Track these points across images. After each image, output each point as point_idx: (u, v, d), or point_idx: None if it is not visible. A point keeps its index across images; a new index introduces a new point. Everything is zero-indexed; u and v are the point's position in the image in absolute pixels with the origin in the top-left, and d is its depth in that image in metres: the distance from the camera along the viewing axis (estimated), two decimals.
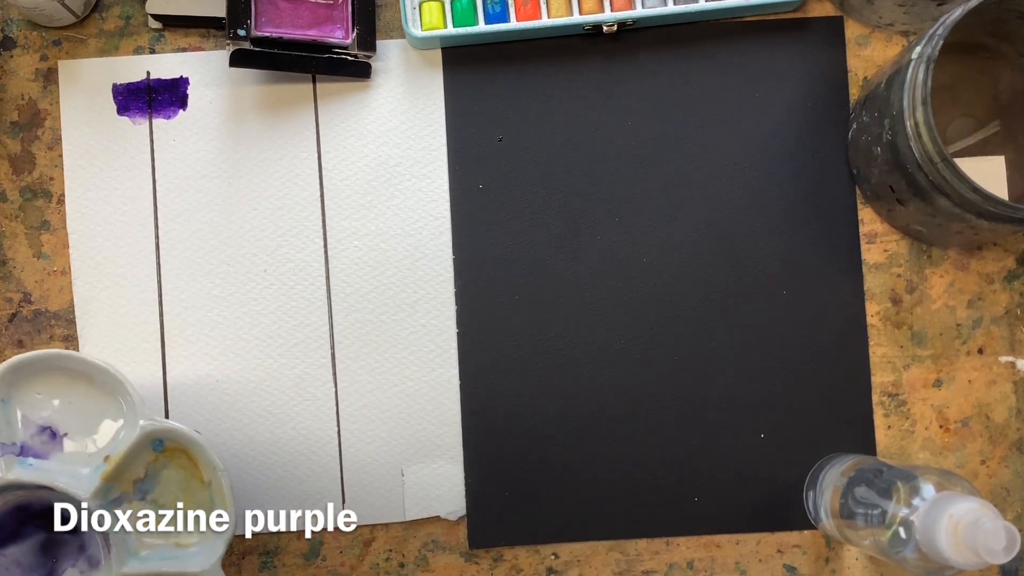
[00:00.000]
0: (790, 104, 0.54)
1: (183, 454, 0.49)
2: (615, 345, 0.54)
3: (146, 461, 0.48)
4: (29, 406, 0.48)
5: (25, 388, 0.48)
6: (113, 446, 0.48)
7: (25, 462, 0.48)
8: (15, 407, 0.48)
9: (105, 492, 0.47)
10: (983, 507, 0.41)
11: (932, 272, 0.54)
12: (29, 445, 0.48)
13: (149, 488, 0.49)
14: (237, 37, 0.51)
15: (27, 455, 0.48)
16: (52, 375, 0.49)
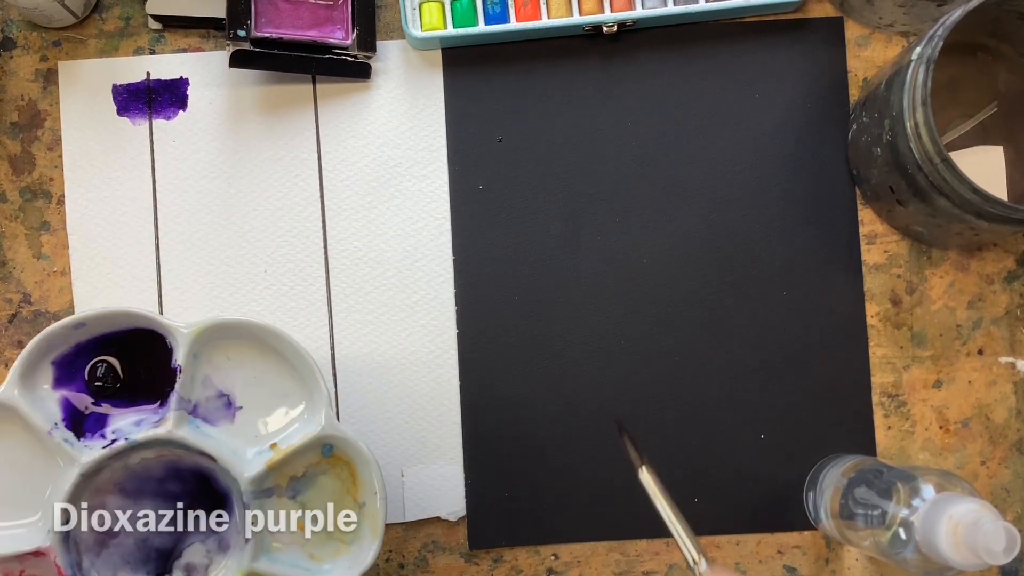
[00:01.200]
0: (790, 104, 0.54)
1: (347, 467, 0.46)
2: (615, 345, 0.54)
3: (309, 462, 0.46)
4: (216, 368, 0.46)
5: (219, 350, 0.46)
6: (284, 436, 0.45)
7: (195, 422, 0.45)
8: (203, 365, 0.46)
9: (261, 480, 0.44)
10: (983, 508, 0.41)
11: (932, 273, 0.54)
12: (203, 407, 0.46)
13: (302, 489, 0.46)
14: (237, 38, 0.51)
15: (198, 416, 0.45)
16: (249, 345, 0.46)
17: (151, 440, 0.44)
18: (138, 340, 0.45)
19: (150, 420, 0.45)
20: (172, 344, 0.45)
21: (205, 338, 0.45)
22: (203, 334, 0.44)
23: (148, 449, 0.45)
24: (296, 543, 0.45)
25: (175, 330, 0.44)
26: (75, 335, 0.44)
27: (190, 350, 0.44)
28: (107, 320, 0.44)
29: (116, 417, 0.45)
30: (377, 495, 0.44)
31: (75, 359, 0.45)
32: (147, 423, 0.45)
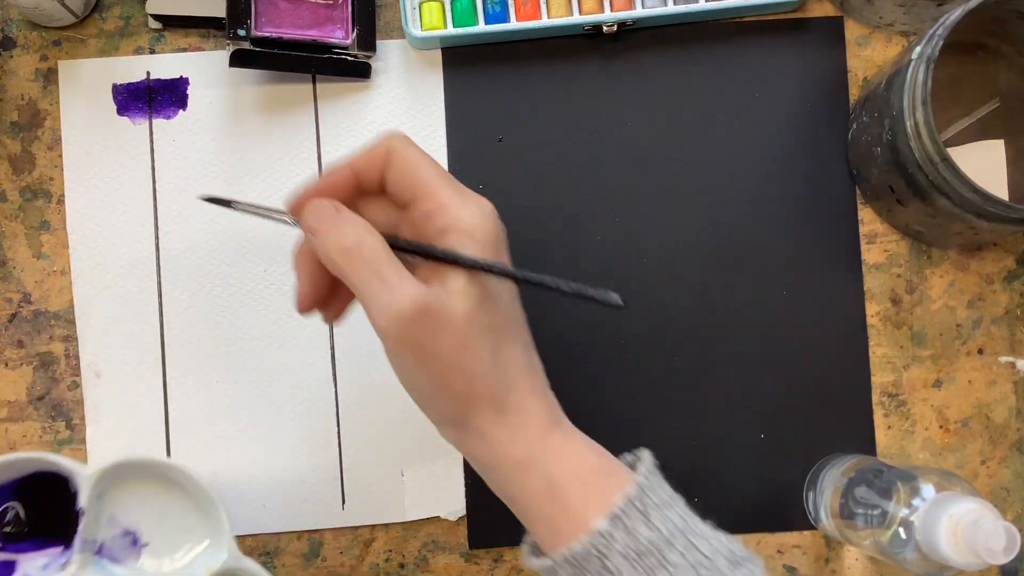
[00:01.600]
0: (790, 104, 0.54)
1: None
2: (615, 344, 0.54)
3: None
4: (121, 506, 0.47)
5: (123, 488, 0.47)
6: (190, 571, 0.47)
7: (100, 562, 0.46)
8: (108, 505, 0.47)
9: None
10: (983, 507, 0.41)
11: (932, 272, 0.54)
12: (108, 546, 0.47)
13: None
14: (237, 37, 0.51)
15: (104, 556, 0.47)
16: (154, 481, 0.48)
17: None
18: (43, 483, 0.46)
19: (56, 563, 0.46)
20: (75, 487, 0.45)
21: (108, 478, 0.46)
22: (106, 475, 0.46)
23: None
24: None
25: (77, 473, 0.45)
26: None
27: (93, 491, 0.45)
28: (11, 467, 0.46)
29: (24, 562, 0.46)
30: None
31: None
32: (53, 566, 0.46)
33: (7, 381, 0.53)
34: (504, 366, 0.39)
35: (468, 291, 0.37)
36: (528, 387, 0.40)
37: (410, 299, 0.36)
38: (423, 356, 0.37)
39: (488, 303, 0.38)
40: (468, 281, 0.38)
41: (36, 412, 0.53)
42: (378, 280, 0.37)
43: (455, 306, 0.37)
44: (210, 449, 0.53)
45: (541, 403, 0.40)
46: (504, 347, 0.39)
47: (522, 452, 0.39)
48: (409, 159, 0.39)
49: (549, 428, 0.39)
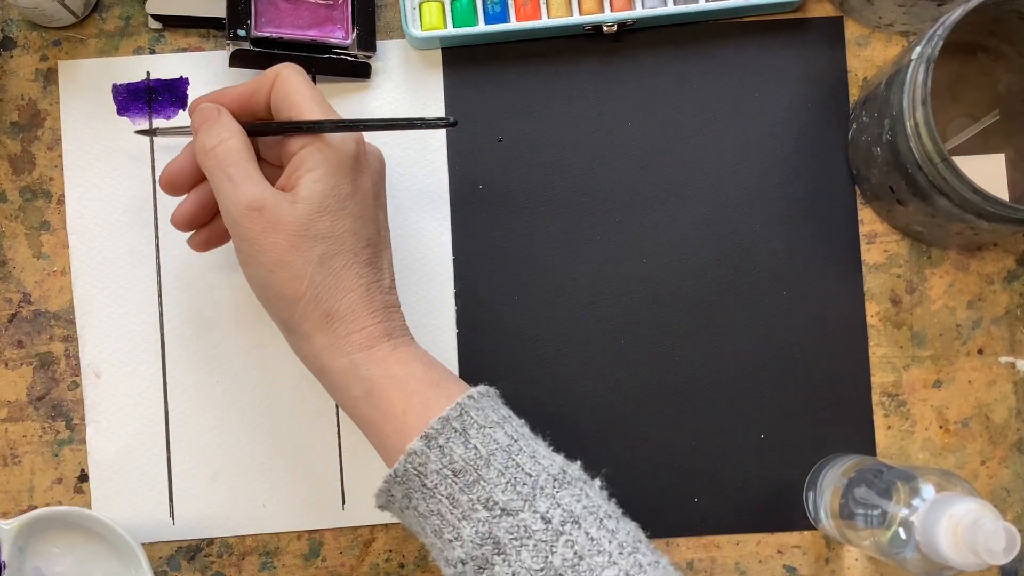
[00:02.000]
0: (790, 104, 0.54)
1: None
2: (615, 345, 0.54)
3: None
4: (45, 558, 0.49)
5: (44, 540, 0.49)
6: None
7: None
8: (29, 557, 0.48)
9: None
10: (983, 508, 0.41)
11: (932, 272, 0.54)
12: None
13: None
14: (237, 37, 0.51)
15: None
16: (74, 532, 0.49)
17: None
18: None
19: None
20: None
21: (28, 532, 0.48)
22: (24, 528, 0.47)
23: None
24: None
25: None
26: None
27: (14, 545, 0.47)
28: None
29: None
30: None
31: None
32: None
33: (7, 381, 0.53)
34: (336, 275, 0.41)
35: (309, 198, 0.41)
36: (359, 299, 0.42)
37: (248, 196, 0.41)
38: (255, 249, 0.41)
39: (328, 213, 0.41)
40: (311, 189, 0.41)
41: (36, 412, 0.53)
42: (227, 177, 0.41)
43: (290, 209, 0.40)
44: (210, 449, 0.53)
45: (371, 315, 0.42)
46: (339, 258, 0.41)
47: (343, 359, 0.41)
48: (290, 80, 0.43)
49: (377, 339, 0.42)
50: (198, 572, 0.53)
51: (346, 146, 0.42)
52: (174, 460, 0.53)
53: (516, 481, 0.38)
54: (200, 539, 0.53)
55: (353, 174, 0.42)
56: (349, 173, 0.42)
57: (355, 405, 0.42)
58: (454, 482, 0.39)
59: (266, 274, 0.41)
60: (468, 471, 0.39)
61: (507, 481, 0.38)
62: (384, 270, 0.44)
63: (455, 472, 0.39)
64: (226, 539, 0.53)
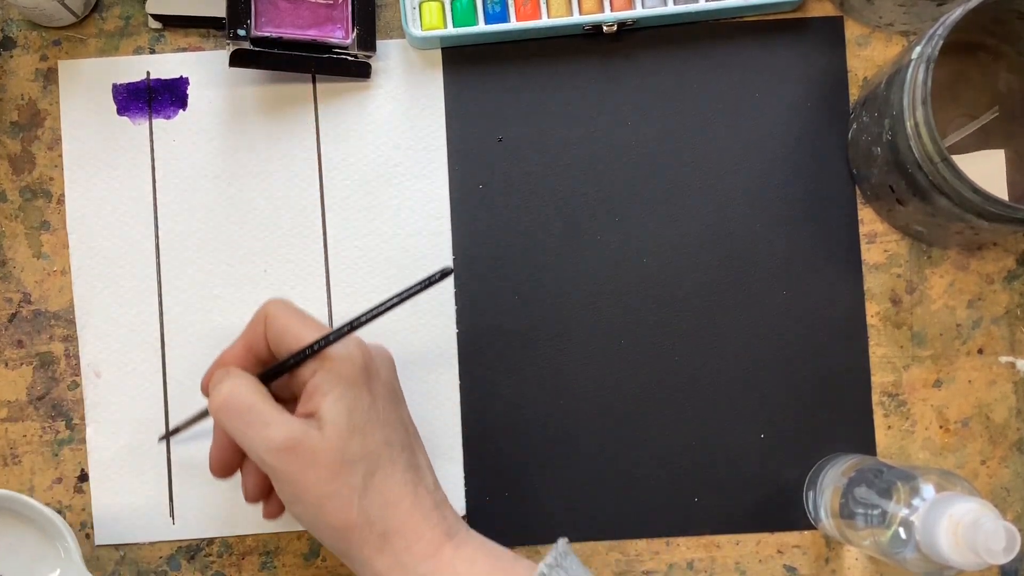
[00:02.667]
0: (790, 104, 0.54)
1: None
2: (615, 345, 0.54)
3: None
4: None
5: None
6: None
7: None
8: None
9: None
10: (983, 507, 0.41)
11: (932, 272, 0.54)
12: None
13: None
14: (237, 37, 0.51)
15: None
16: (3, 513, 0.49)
17: None
18: None
19: None
20: None
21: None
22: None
23: None
24: None
25: None
26: None
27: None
28: None
29: None
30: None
31: None
32: None
33: (7, 381, 0.53)
34: (382, 492, 0.40)
35: (335, 421, 0.39)
36: (411, 508, 0.40)
37: (278, 438, 0.39)
38: (298, 489, 0.39)
39: (357, 433, 0.40)
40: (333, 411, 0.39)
41: (36, 412, 0.53)
42: (246, 424, 0.40)
43: (320, 440, 0.39)
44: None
45: (426, 521, 0.41)
46: (379, 473, 0.40)
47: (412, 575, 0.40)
48: (279, 317, 0.42)
49: (439, 545, 0.40)
50: (198, 572, 0.53)
51: (352, 358, 0.41)
52: (174, 460, 0.53)
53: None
54: (200, 539, 0.53)
55: (367, 383, 0.41)
56: (364, 383, 0.41)
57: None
58: None
59: (314, 510, 0.40)
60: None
61: None
62: (424, 468, 0.43)
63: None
64: (226, 539, 0.53)
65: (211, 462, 0.44)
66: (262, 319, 0.43)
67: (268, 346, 0.43)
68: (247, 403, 0.40)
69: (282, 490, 0.40)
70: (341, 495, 0.39)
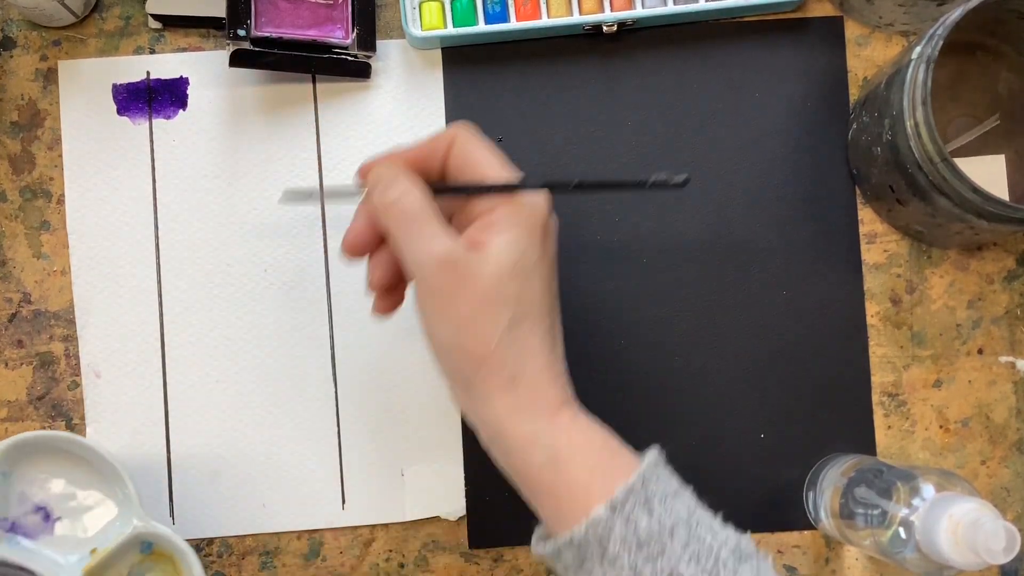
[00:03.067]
0: (790, 104, 0.54)
1: (169, 561, 0.49)
2: (614, 345, 0.54)
3: (131, 562, 0.49)
4: (29, 483, 0.49)
5: (28, 465, 0.49)
6: (103, 538, 0.48)
7: (14, 539, 0.48)
8: (15, 483, 0.48)
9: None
10: (983, 507, 0.41)
11: (932, 272, 0.54)
12: (20, 523, 0.48)
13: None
14: (237, 37, 0.51)
15: (17, 532, 0.48)
16: (57, 456, 0.49)
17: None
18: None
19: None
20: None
21: (12, 457, 0.48)
22: (7, 454, 0.47)
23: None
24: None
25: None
26: None
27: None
28: None
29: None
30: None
31: None
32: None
33: (7, 381, 0.53)
34: (521, 340, 0.40)
35: (501, 258, 0.39)
36: (543, 366, 0.41)
37: (441, 250, 0.39)
38: (444, 305, 0.40)
39: (519, 277, 0.40)
40: (504, 251, 0.40)
41: (36, 412, 0.53)
42: (413, 230, 0.40)
43: (483, 267, 0.39)
44: (210, 449, 0.53)
45: (553, 383, 0.41)
46: (525, 323, 0.40)
47: (527, 425, 0.40)
48: (469, 143, 0.42)
49: (558, 407, 0.41)
50: None
51: (540, 210, 0.41)
52: (174, 460, 0.53)
53: (699, 555, 0.38)
54: (200, 539, 0.53)
55: (543, 239, 0.42)
56: (540, 238, 0.41)
57: (535, 472, 0.40)
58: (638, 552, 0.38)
59: (454, 330, 0.40)
60: (652, 542, 0.38)
61: (690, 555, 0.38)
62: (559, 339, 0.43)
63: (639, 543, 0.38)
64: (226, 539, 0.53)
65: (345, 240, 0.44)
66: (449, 138, 0.43)
67: (443, 166, 0.43)
68: (418, 208, 0.40)
69: (426, 302, 0.41)
70: (486, 323, 0.39)
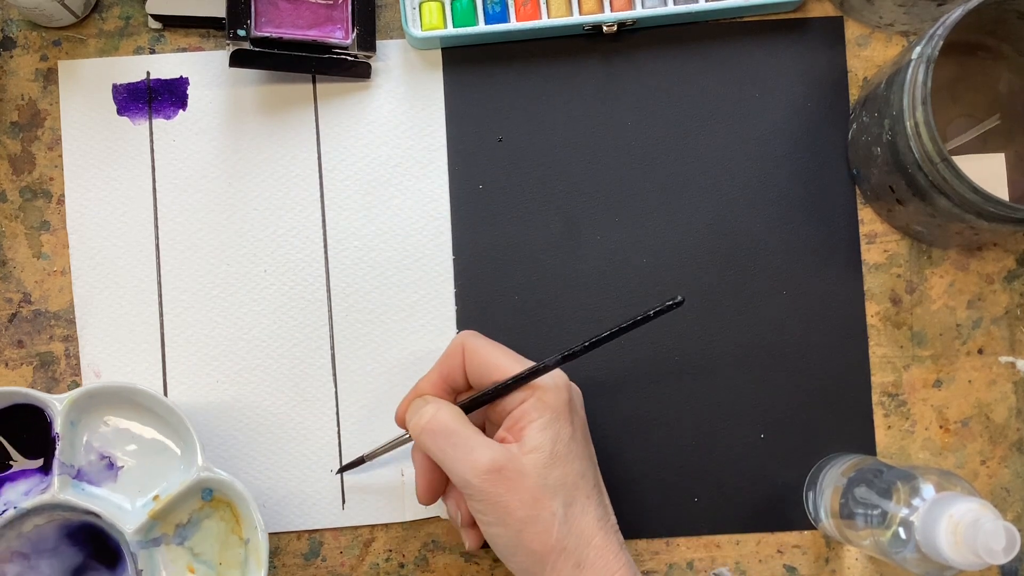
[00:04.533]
0: (790, 104, 0.54)
1: (228, 508, 0.49)
2: (614, 344, 0.54)
3: (192, 508, 0.50)
4: (95, 432, 0.50)
5: (95, 414, 0.50)
6: (165, 485, 0.49)
7: (79, 486, 0.49)
8: (82, 431, 0.49)
9: (148, 530, 0.48)
10: (983, 507, 0.41)
11: (932, 272, 0.54)
12: (86, 470, 0.49)
13: (189, 534, 0.50)
14: (237, 37, 0.51)
15: (82, 479, 0.49)
16: (123, 406, 0.50)
17: (39, 506, 0.47)
18: (20, 414, 0.49)
19: (37, 488, 0.49)
20: (49, 416, 0.48)
21: (80, 406, 0.49)
22: (76, 403, 0.48)
23: (39, 515, 0.48)
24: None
25: (49, 403, 0.48)
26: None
27: (66, 419, 0.48)
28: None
29: (7, 489, 0.49)
30: (258, 529, 0.48)
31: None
32: (35, 491, 0.49)
33: (7, 381, 0.53)
34: (577, 524, 0.41)
35: (539, 451, 0.41)
36: (603, 543, 0.42)
37: (485, 459, 0.41)
38: (500, 512, 0.41)
39: (560, 462, 0.41)
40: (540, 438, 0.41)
41: None
42: (451, 446, 0.42)
43: (525, 465, 0.40)
44: (211, 449, 0.53)
45: (617, 559, 0.42)
46: (576, 504, 0.41)
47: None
48: (479, 350, 0.44)
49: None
50: None
51: (559, 389, 0.43)
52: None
53: None
54: None
55: (570, 416, 0.43)
56: (567, 415, 0.43)
57: None
58: None
59: (514, 534, 0.41)
60: None
61: None
62: (608, 506, 0.44)
63: None
64: None
65: (418, 491, 0.47)
66: (459, 351, 0.45)
67: (465, 376, 0.45)
68: (451, 428, 0.42)
69: (483, 512, 0.41)
70: (542, 519, 0.40)
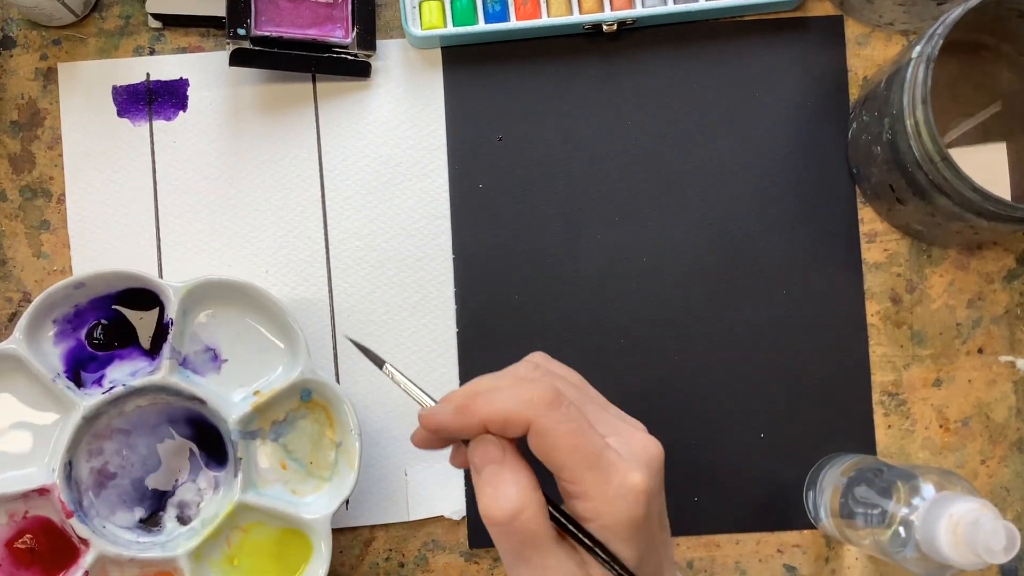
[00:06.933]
0: (790, 103, 0.54)
1: (323, 411, 0.50)
2: (615, 345, 0.54)
3: (289, 407, 0.50)
4: (203, 325, 0.50)
5: (206, 306, 0.50)
6: (266, 383, 0.50)
7: (184, 373, 0.49)
8: (191, 323, 0.50)
9: (247, 422, 0.49)
10: (983, 507, 0.41)
11: (932, 272, 0.54)
12: (191, 359, 0.50)
13: (283, 432, 0.50)
14: (237, 36, 0.51)
15: (187, 368, 0.50)
16: (234, 302, 0.50)
17: (146, 386, 0.48)
18: (133, 298, 0.50)
19: (144, 371, 0.49)
20: (164, 301, 0.49)
21: (194, 296, 0.49)
22: (192, 292, 0.48)
23: (143, 396, 0.49)
24: (280, 481, 0.50)
25: (166, 288, 0.48)
26: (75, 295, 0.48)
27: (180, 306, 0.48)
28: (104, 280, 0.48)
29: (112, 368, 0.50)
30: (352, 432, 0.48)
31: (74, 318, 0.49)
32: (141, 373, 0.49)
33: None
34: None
35: None
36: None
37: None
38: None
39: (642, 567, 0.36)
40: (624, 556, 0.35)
41: None
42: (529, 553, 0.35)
43: None
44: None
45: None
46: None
47: None
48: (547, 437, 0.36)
49: None
50: None
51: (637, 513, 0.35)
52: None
53: None
54: None
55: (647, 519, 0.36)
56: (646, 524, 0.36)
57: None
58: None
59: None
60: None
61: None
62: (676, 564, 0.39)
63: None
64: None
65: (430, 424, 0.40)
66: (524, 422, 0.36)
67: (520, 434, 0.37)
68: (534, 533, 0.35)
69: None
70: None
